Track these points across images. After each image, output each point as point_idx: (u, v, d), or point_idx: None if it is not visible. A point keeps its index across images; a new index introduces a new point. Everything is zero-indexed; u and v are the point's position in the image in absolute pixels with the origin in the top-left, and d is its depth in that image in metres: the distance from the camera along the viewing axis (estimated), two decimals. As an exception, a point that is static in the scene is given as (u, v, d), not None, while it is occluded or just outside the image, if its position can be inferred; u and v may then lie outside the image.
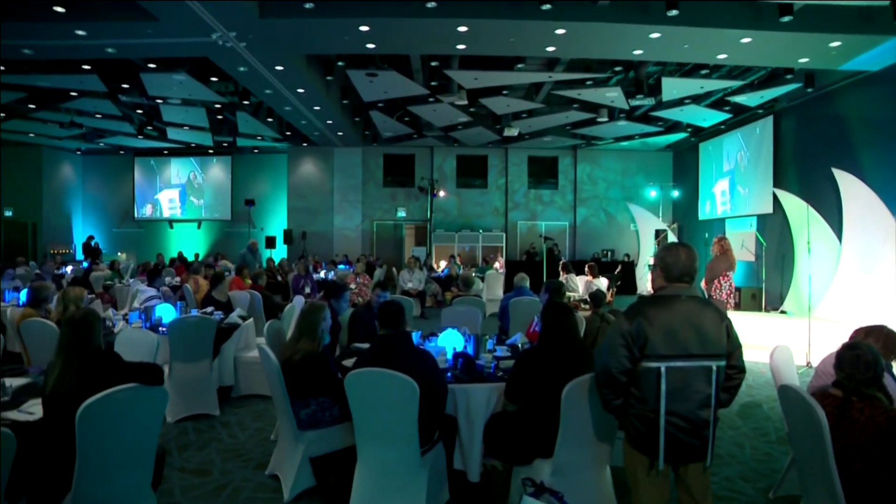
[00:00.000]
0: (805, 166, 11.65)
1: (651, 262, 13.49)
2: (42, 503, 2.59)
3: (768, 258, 12.49)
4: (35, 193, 18.83)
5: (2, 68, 10.73)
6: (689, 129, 15.43)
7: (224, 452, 4.44)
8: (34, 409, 2.93)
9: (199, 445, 4.58)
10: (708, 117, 13.90)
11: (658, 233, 15.94)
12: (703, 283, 8.71)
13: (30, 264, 13.32)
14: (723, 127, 14.73)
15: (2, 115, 14.52)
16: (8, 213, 18.69)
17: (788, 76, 10.45)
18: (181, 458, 4.31)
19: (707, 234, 15.20)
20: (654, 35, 8.32)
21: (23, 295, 7.18)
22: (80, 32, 8.40)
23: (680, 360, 2.43)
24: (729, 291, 8.32)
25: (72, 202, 20.35)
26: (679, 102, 12.67)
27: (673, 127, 15.17)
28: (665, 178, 18.03)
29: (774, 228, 12.55)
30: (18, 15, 8.01)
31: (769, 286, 12.29)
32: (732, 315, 8.81)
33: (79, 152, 20.25)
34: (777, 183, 12.39)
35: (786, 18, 7.36)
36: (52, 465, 2.59)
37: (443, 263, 15.43)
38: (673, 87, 11.55)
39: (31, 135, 17.17)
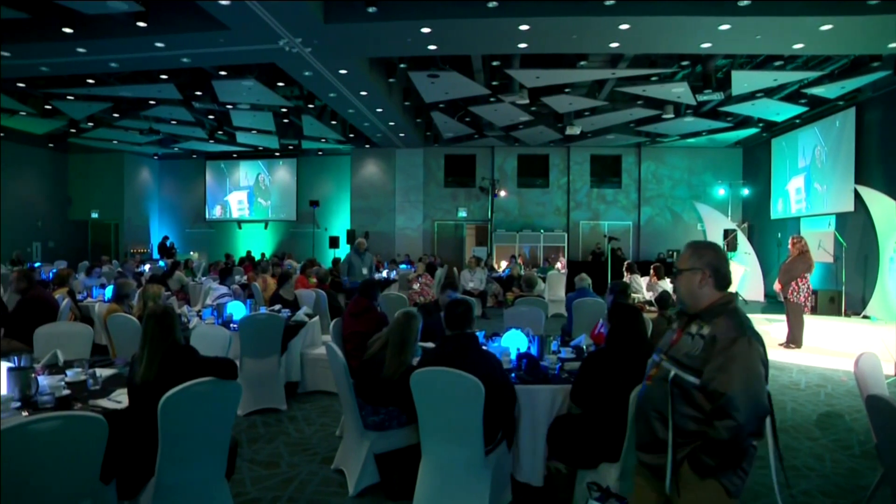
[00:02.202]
0: (893, 160, 10.91)
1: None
2: (129, 486, 2.75)
3: (848, 259, 11.78)
4: (118, 196, 20.06)
5: (91, 81, 11.53)
6: (761, 125, 14.74)
7: (291, 446, 4.57)
8: (121, 398, 3.12)
9: (268, 438, 4.74)
10: (781, 111, 13.24)
11: (727, 233, 15.30)
12: (777, 286, 8.33)
13: (112, 263, 14.17)
14: (798, 121, 14.00)
15: (90, 124, 15.58)
16: (94, 215, 20.01)
17: (875, 63, 9.79)
18: (251, 450, 4.47)
19: (780, 234, 14.50)
20: (724, 27, 8.01)
21: (108, 291, 7.64)
22: (159, 44, 8.91)
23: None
24: (806, 294, 7.91)
25: (149, 204, 21.54)
26: (750, 96, 12.14)
27: (743, 122, 14.55)
28: (734, 176, 17.33)
29: (856, 227, 11.83)
30: (106, 32, 8.65)
31: (849, 289, 11.59)
32: (809, 319, 8.47)
33: (156, 157, 21.41)
34: (859, 179, 11.66)
35: (873, 0, 6.89)
36: (138, 451, 2.74)
37: (504, 263, 15.36)
38: (743, 81, 11.07)
39: (115, 142, 18.32)
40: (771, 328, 9.80)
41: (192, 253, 19.31)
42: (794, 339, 8.30)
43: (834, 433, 5.00)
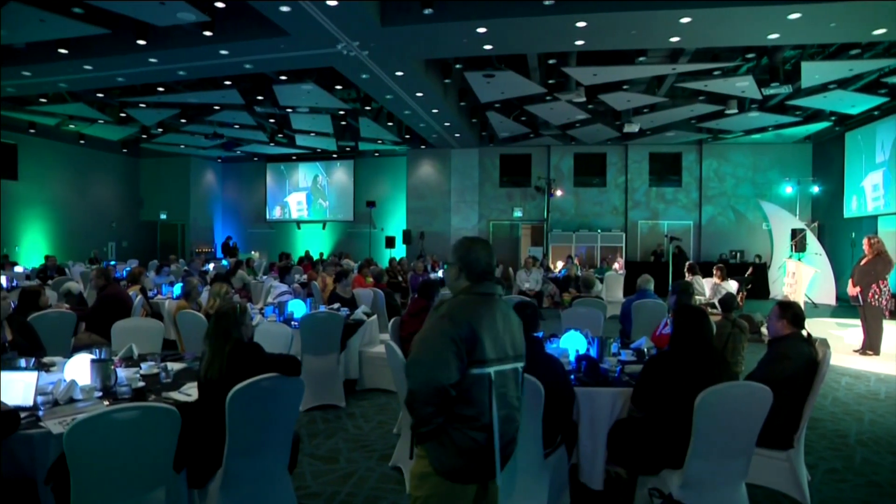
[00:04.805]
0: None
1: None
2: (199, 475, 2.87)
3: (933, 260, 11.02)
4: (184, 198, 20.99)
5: (161, 89, 12.13)
6: (834, 118, 14.00)
7: (350, 442, 4.66)
8: (191, 392, 3.26)
9: (327, 434, 4.84)
10: (857, 103, 12.51)
11: (795, 232, 14.59)
12: (852, 288, 7.89)
13: (179, 262, 14.82)
14: (876, 113, 13.19)
15: (160, 129, 16.38)
16: (163, 216, 20.99)
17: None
18: (311, 445, 4.58)
19: (854, 234, 13.71)
20: (794, 16, 7.61)
21: (176, 289, 8.00)
22: (224, 52, 9.27)
23: (502, 363, 2.19)
24: (888, 297, 7.47)
25: (213, 205, 22.42)
26: (822, 88, 11.51)
27: (813, 116, 13.84)
28: (803, 173, 16.52)
29: (942, 226, 11.06)
30: (175, 43, 9.11)
31: (934, 292, 10.85)
32: (888, 324, 7.99)
33: (219, 160, 22.28)
34: (946, 175, 10.91)
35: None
36: (207, 442, 2.86)
37: (560, 264, 15.17)
38: (814, 72, 10.51)
39: (182, 146, 19.18)
40: (845, 333, 9.31)
41: (253, 252, 19.96)
42: (871, 346, 7.85)
43: (919, 446, 4.69)
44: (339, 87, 12.12)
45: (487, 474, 2.18)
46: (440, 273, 13.28)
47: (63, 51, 9.60)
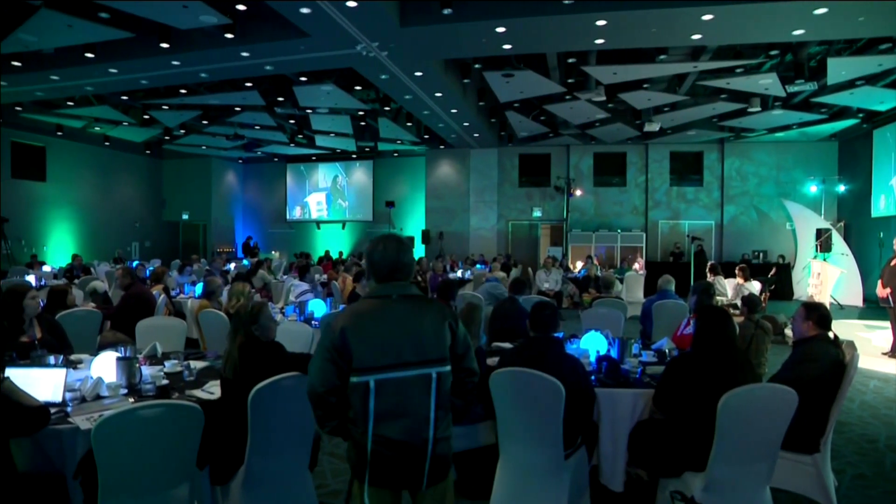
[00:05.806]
0: None
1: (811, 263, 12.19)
2: (221, 472, 2.91)
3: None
4: (205, 198, 21.27)
5: (183, 91, 12.30)
6: (861, 115, 13.70)
7: (370, 441, 4.66)
8: (213, 390, 3.30)
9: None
10: (886, 99, 12.21)
11: (820, 232, 14.32)
12: (882, 290, 7.73)
13: (201, 261, 15.00)
14: (905, 110, 12.90)
15: (182, 131, 16.61)
16: (185, 217, 21.29)
17: None
18: (331, 444, 4.59)
19: (882, 234, 13.42)
20: (820, 11, 7.46)
21: (198, 288, 8.10)
22: (245, 54, 9.37)
23: (393, 370, 2.05)
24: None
25: (234, 206, 22.68)
26: (849, 85, 11.27)
27: (840, 113, 13.57)
28: (829, 171, 16.21)
29: (973, 226, 10.77)
30: (198, 45, 9.24)
31: (966, 293, 10.56)
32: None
33: (240, 161, 22.53)
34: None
35: None
36: (229, 439, 2.89)
37: (579, 264, 15.08)
38: (841, 68, 10.30)
39: (203, 147, 19.43)
40: (873, 335, 9.12)
41: (273, 252, 20.14)
42: (900, 348, 7.69)
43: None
44: (358, 87, 12.18)
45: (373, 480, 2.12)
46: (459, 273, 13.28)
47: (89, 55, 9.80)
